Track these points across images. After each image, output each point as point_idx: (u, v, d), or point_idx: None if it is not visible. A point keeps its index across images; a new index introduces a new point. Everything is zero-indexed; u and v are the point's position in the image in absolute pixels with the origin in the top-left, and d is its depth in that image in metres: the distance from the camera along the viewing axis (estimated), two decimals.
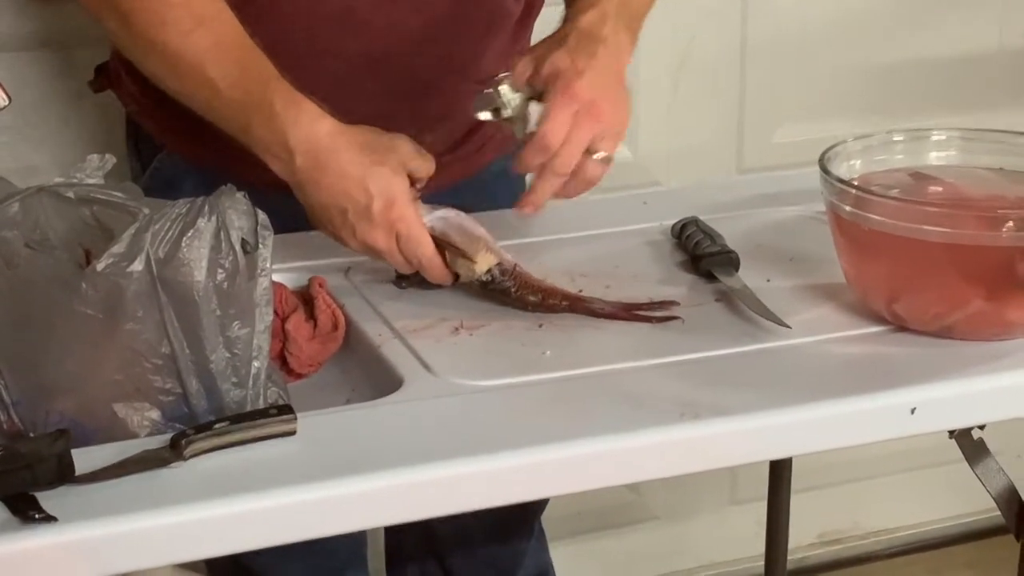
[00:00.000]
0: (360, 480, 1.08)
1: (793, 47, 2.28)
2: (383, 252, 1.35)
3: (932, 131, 1.41)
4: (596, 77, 1.37)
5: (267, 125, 1.35)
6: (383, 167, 1.34)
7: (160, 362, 1.16)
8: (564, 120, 1.35)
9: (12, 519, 1.02)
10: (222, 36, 1.37)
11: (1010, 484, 1.37)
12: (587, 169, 1.37)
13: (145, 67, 1.43)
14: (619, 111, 1.39)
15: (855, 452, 2.42)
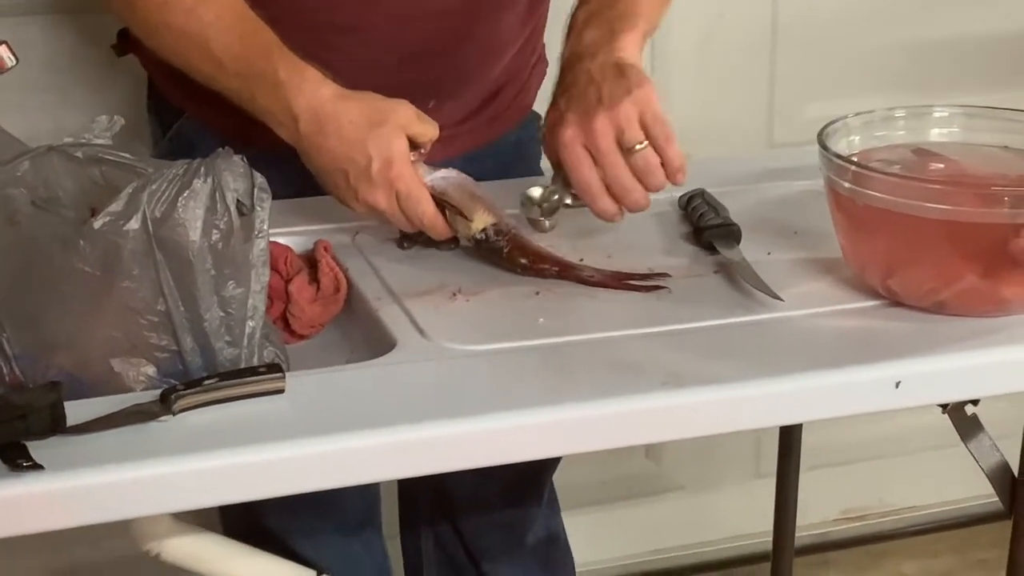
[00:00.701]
0: (343, 438, 1.11)
1: (825, 23, 2.28)
2: (385, 212, 1.38)
3: (934, 107, 1.41)
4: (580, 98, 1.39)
5: (271, 94, 1.38)
6: (382, 128, 1.36)
7: (156, 319, 1.19)
8: (578, 161, 1.37)
9: (1, 467, 1.05)
10: (222, 11, 1.41)
11: (1003, 460, 1.38)
12: (642, 164, 1.37)
13: (152, 45, 1.47)
14: (618, 92, 1.38)
15: (881, 429, 2.45)
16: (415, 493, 1.92)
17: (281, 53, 1.39)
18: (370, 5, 1.51)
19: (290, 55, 1.39)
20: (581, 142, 1.37)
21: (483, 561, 1.88)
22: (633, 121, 1.37)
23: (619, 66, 1.40)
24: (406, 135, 1.37)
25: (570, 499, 2.13)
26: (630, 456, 2.44)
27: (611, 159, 1.37)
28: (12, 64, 1.25)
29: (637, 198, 1.38)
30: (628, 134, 1.37)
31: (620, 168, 1.37)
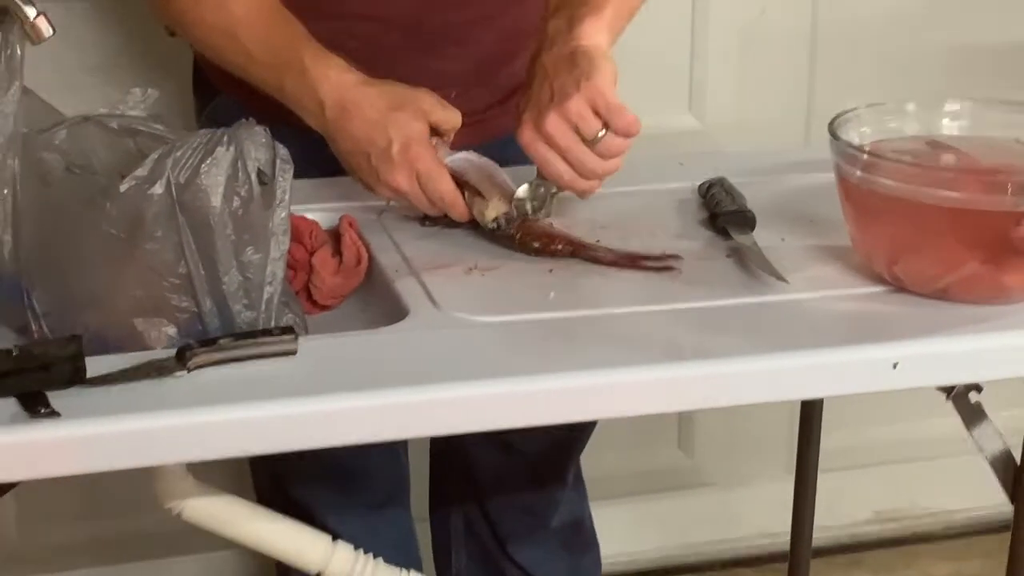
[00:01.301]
0: (347, 397, 1.15)
1: (865, 23, 2.31)
2: (406, 193, 1.42)
3: (945, 100, 1.43)
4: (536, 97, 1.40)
5: (298, 81, 1.44)
6: (402, 112, 1.41)
7: (177, 281, 1.24)
8: (542, 159, 1.39)
9: (22, 413, 1.11)
10: (251, 5, 1.48)
11: (1006, 449, 1.40)
12: (605, 151, 1.39)
13: (187, 38, 1.55)
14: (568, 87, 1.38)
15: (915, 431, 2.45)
16: (444, 475, 1.97)
17: (308, 43, 1.45)
18: None
19: (316, 45, 1.45)
20: (542, 141, 1.38)
21: (508, 543, 1.92)
22: (585, 115, 1.37)
23: (573, 55, 1.40)
24: (428, 122, 1.42)
25: (601, 490, 2.16)
26: (663, 449, 2.47)
27: (572, 154, 1.38)
28: (49, 34, 1.30)
29: (607, 168, 1.40)
30: (583, 128, 1.37)
31: (584, 157, 1.38)
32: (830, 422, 2.28)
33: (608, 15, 1.43)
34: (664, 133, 2.25)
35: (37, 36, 1.30)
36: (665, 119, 2.27)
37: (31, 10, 1.30)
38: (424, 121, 1.42)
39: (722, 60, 2.27)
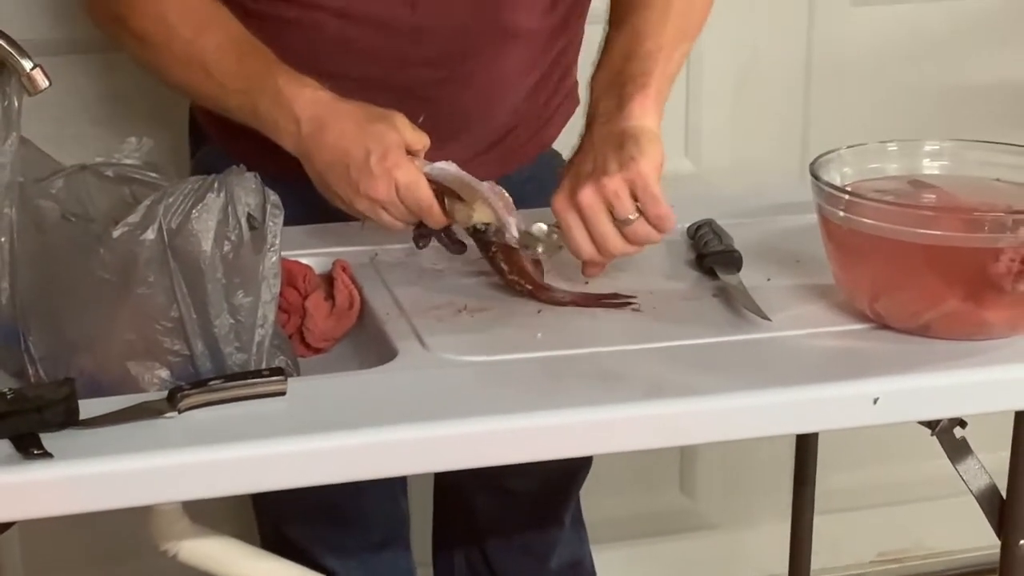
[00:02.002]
0: (335, 436, 1.17)
1: (859, 63, 2.33)
2: (385, 202, 1.43)
3: (925, 141, 1.46)
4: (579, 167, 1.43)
5: (273, 101, 1.46)
6: (378, 123, 1.44)
7: (170, 325, 1.27)
8: (567, 227, 1.40)
9: (15, 455, 1.13)
10: (221, 38, 1.51)
11: (991, 483, 1.41)
12: (632, 236, 1.40)
13: (161, 78, 1.57)
14: (611, 165, 1.40)
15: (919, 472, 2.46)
16: (446, 516, 1.99)
17: (280, 67, 1.48)
18: (354, 54, 1.59)
19: (288, 68, 1.48)
20: (572, 209, 1.40)
21: None
22: (621, 195, 1.38)
23: (623, 135, 1.41)
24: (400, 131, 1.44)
25: (603, 533, 2.18)
26: (664, 491, 2.48)
27: (598, 229, 1.39)
28: (46, 86, 1.33)
29: (627, 253, 1.42)
30: (617, 209, 1.39)
31: (607, 237, 1.40)
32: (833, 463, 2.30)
33: (653, 90, 1.45)
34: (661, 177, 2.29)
35: (34, 88, 1.33)
36: None
37: (27, 62, 1.33)
38: (399, 132, 1.44)
39: (716, 104, 2.29)
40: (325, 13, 1.57)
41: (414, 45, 1.59)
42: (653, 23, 1.51)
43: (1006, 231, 1.28)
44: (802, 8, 2.31)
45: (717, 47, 2.25)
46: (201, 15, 1.52)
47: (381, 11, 1.57)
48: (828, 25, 2.31)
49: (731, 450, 2.44)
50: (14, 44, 1.33)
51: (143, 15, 1.53)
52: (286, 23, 1.58)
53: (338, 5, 1.57)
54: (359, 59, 1.59)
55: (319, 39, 1.58)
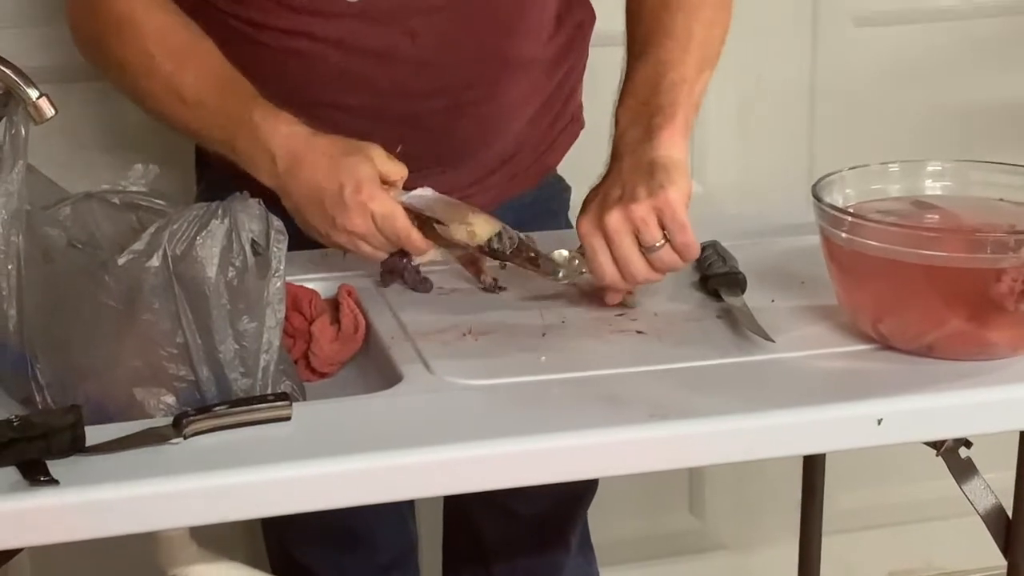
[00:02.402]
0: (341, 460, 1.18)
1: (863, 86, 2.34)
2: (363, 234, 1.45)
3: (928, 161, 1.46)
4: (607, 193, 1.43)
5: (250, 137, 1.48)
6: (351, 156, 1.45)
7: (175, 351, 1.27)
8: (592, 252, 1.41)
9: (22, 481, 1.14)
10: (200, 70, 1.52)
11: (997, 504, 1.42)
12: (658, 263, 1.41)
13: (143, 108, 1.59)
14: (640, 192, 1.41)
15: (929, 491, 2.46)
16: (454, 539, 1.99)
17: (257, 101, 1.50)
18: (354, 84, 1.60)
19: (266, 103, 1.49)
20: (598, 233, 1.41)
21: None
22: (649, 222, 1.39)
23: (652, 165, 1.42)
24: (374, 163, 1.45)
25: (613, 555, 2.18)
26: (674, 513, 2.48)
27: (622, 252, 1.40)
28: (52, 114, 1.34)
29: (650, 280, 1.43)
30: (644, 235, 1.40)
31: (632, 263, 1.40)
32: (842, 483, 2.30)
33: (681, 121, 1.46)
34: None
35: (40, 116, 1.34)
36: None
37: (34, 91, 1.33)
38: (373, 165, 1.45)
39: (722, 124, 2.30)
40: (327, 44, 1.58)
41: (415, 76, 1.60)
42: (677, 53, 1.52)
43: (1008, 251, 1.28)
44: (805, 28, 2.31)
45: (722, 68, 2.23)
46: (183, 47, 1.54)
47: (382, 42, 1.58)
48: (831, 46, 2.32)
49: (740, 471, 2.44)
50: (20, 73, 1.34)
51: (124, 45, 1.55)
52: (288, 53, 1.59)
53: (339, 36, 1.58)
54: (360, 90, 1.60)
55: (320, 70, 1.59)
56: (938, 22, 2.34)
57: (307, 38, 1.58)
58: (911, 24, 2.34)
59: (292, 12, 1.57)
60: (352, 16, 1.57)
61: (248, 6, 1.58)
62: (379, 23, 1.58)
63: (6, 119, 1.35)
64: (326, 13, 1.57)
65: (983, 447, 1.45)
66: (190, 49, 1.54)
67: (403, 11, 1.58)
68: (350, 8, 1.56)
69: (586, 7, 1.76)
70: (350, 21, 1.57)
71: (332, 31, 1.58)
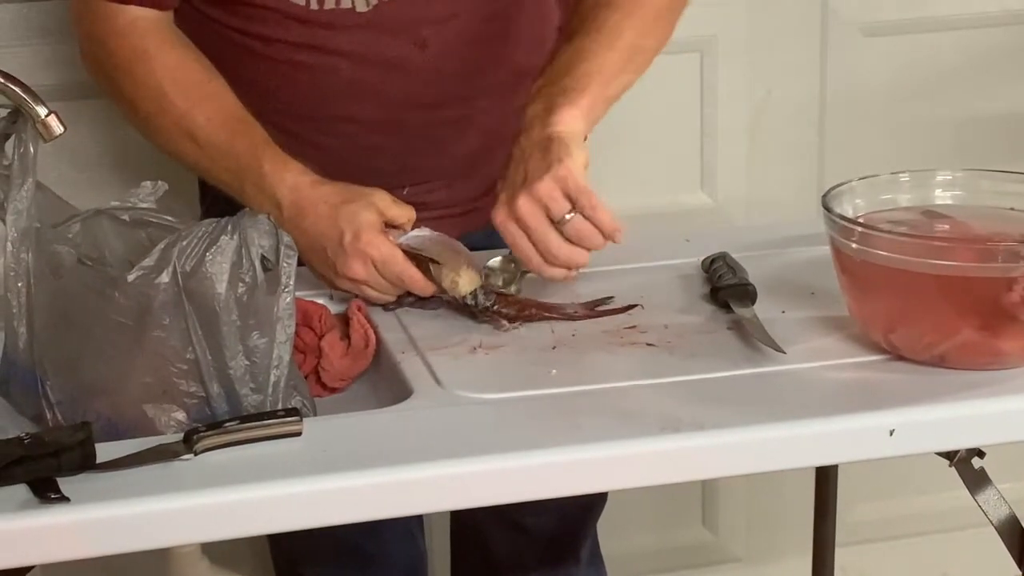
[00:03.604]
0: (352, 476, 1.18)
1: (873, 98, 2.34)
2: (365, 280, 1.47)
3: (937, 171, 1.46)
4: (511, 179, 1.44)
5: (257, 185, 1.50)
6: (352, 204, 1.47)
7: (185, 367, 1.27)
8: (512, 240, 1.43)
9: (33, 499, 1.14)
10: (213, 112, 1.53)
11: (1011, 513, 1.41)
12: (574, 233, 1.42)
13: (153, 143, 1.59)
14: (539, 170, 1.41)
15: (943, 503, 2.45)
16: (463, 555, 1.99)
17: (267, 148, 1.51)
18: (364, 96, 1.60)
19: (275, 150, 1.51)
20: (513, 221, 1.42)
21: None
22: (555, 196, 1.41)
23: (547, 141, 1.43)
24: (383, 218, 1.47)
25: (626, 569, 2.18)
26: (687, 526, 2.48)
27: (538, 234, 1.42)
28: (61, 132, 1.34)
29: (575, 260, 1.44)
30: (552, 209, 1.41)
31: (550, 240, 1.42)
32: (857, 494, 2.30)
33: (585, 105, 1.47)
34: (678, 211, 2.29)
35: (49, 134, 1.34)
36: (678, 198, 2.31)
37: (42, 109, 1.34)
38: (375, 212, 1.47)
39: (732, 138, 2.30)
40: (336, 56, 1.58)
41: (425, 87, 1.60)
42: (601, 47, 1.51)
43: (1020, 261, 1.28)
44: (815, 40, 2.31)
45: (732, 79, 2.27)
46: (196, 87, 1.55)
47: (392, 53, 1.59)
48: (841, 56, 2.32)
49: (753, 483, 2.44)
50: (29, 91, 1.34)
51: (137, 82, 1.56)
52: (297, 66, 1.59)
53: (349, 47, 1.58)
54: (370, 101, 1.60)
55: (330, 82, 1.59)
56: (947, 32, 2.34)
57: (316, 50, 1.58)
58: (920, 34, 2.34)
59: (301, 24, 1.57)
60: (361, 27, 1.57)
61: (257, 20, 1.58)
62: (389, 34, 1.58)
63: (15, 137, 1.36)
64: (335, 25, 1.57)
65: (996, 457, 1.45)
66: (204, 89, 1.55)
67: (413, 21, 1.58)
68: (359, 19, 1.57)
69: None
70: (359, 32, 1.58)
71: (342, 43, 1.58)
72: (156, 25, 1.56)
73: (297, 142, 1.54)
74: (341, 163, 1.52)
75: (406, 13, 1.58)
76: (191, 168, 1.58)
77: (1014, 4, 2.36)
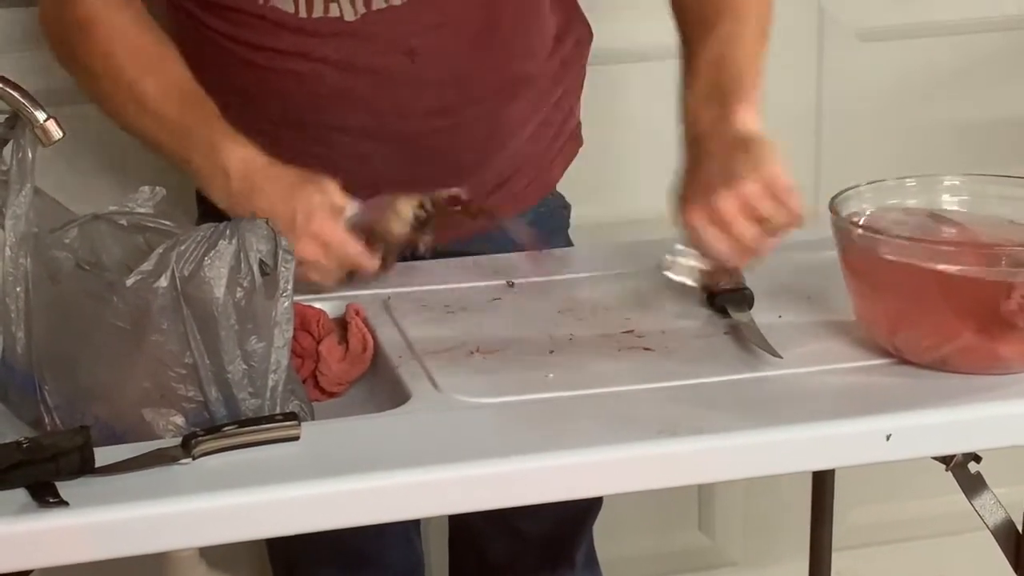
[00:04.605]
0: (350, 480, 1.18)
1: (869, 104, 2.34)
2: (315, 262, 1.48)
3: (944, 176, 1.46)
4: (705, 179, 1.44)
5: (207, 155, 1.51)
6: (305, 186, 1.48)
7: (183, 371, 1.27)
8: (711, 242, 1.42)
9: (31, 503, 1.14)
10: (165, 83, 1.54)
11: (1008, 518, 1.41)
12: (773, 232, 1.43)
13: (105, 111, 1.60)
14: (743, 169, 1.42)
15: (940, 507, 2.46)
16: (460, 560, 1.99)
17: (218, 122, 1.52)
18: (353, 105, 1.60)
19: (226, 125, 1.51)
20: (709, 221, 1.41)
21: None
22: (762, 198, 1.41)
23: (742, 140, 1.44)
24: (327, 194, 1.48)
25: (622, 573, 2.17)
26: (683, 530, 2.48)
27: (739, 230, 1.41)
28: (59, 137, 1.34)
29: (764, 247, 1.44)
30: (761, 208, 1.41)
31: (748, 235, 1.41)
32: (853, 498, 2.30)
33: (754, 96, 1.49)
34: None
35: (47, 139, 1.34)
36: None
37: (41, 114, 1.34)
38: (326, 195, 1.48)
39: None
40: (324, 64, 1.58)
41: (414, 95, 1.60)
42: (737, 28, 1.54)
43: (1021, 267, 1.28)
44: (811, 45, 2.31)
45: None
46: (149, 56, 1.55)
47: (380, 62, 1.59)
48: (837, 61, 2.32)
49: (750, 488, 2.44)
50: (28, 96, 1.34)
51: (91, 51, 1.56)
52: (285, 74, 1.59)
53: (337, 56, 1.58)
54: (358, 110, 1.60)
55: (319, 90, 1.59)
56: (944, 37, 2.35)
57: (304, 58, 1.58)
58: (916, 39, 2.34)
59: (289, 32, 1.58)
60: (349, 35, 1.57)
61: (244, 27, 1.58)
62: (377, 42, 1.58)
63: (13, 142, 1.36)
64: (323, 33, 1.57)
65: (993, 462, 1.45)
66: (157, 59, 1.55)
67: (402, 30, 1.58)
68: (347, 27, 1.57)
69: (583, 25, 1.76)
70: (348, 40, 1.58)
71: (330, 51, 1.58)
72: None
73: (288, 150, 1.54)
74: (332, 171, 1.52)
75: (394, 22, 1.58)
76: (139, 137, 1.58)
77: (1011, 9, 2.36)
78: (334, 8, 1.56)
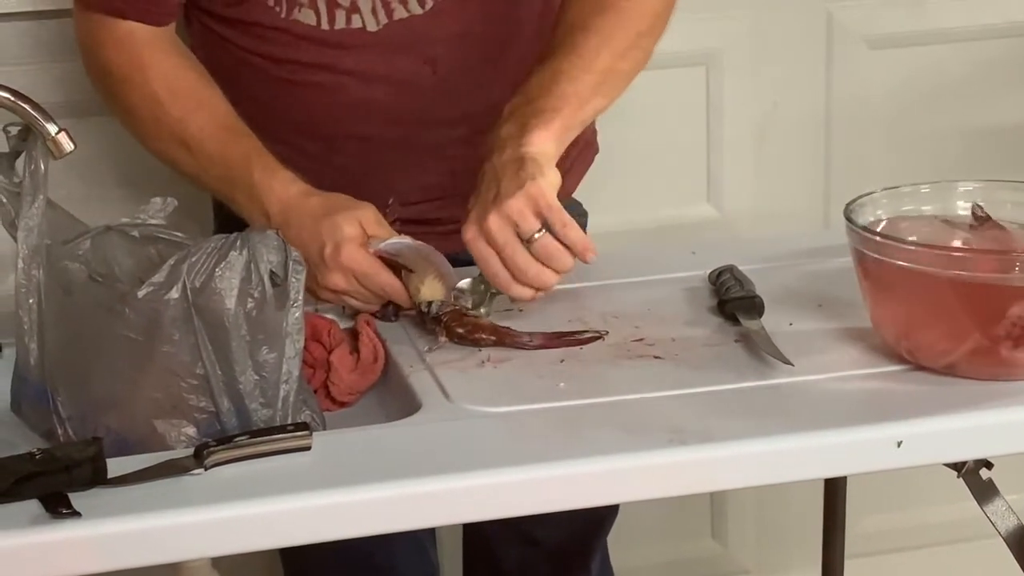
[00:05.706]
0: (362, 489, 1.18)
1: (878, 110, 2.34)
2: (346, 291, 1.48)
3: (959, 182, 1.47)
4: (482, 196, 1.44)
5: (247, 194, 1.52)
6: (335, 216, 1.47)
7: (195, 382, 1.28)
8: (481, 257, 1.43)
9: (44, 514, 1.14)
10: (206, 121, 1.55)
11: (1020, 524, 1.41)
12: (542, 252, 1.42)
13: (147, 149, 1.61)
14: (511, 188, 1.42)
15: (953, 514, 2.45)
16: (474, 569, 1.99)
17: (258, 157, 1.52)
18: (375, 115, 1.61)
19: (266, 159, 1.52)
20: (482, 239, 1.42)
21: None
22: (525, 214, 1.41)
23: (521, 160, 1.44)
24: (364, 232, 1.47)
25: None
26: (696, 538, 2.48)
27: (507, 251, 1.42)
28: (71, 149, 1.35)
29: (544, 280, 1.43)
30: (521, 227, 1.41)
31: (519, 258, 1.42)
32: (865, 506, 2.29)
33: (558, 127, 1.47)
34: (684, 224, 2.30)
35: (59, 151, 1.35)
36: (685, 210, 2.31)
37: (52, 126, 1.35)
38: (357, 226, 1.47)
39: (738, 151, 2.30)
40: (347, 75, 1.59)
41: (435, 105, 1.61)
42: (578, 69, 1.51)
43: None
44: (820, 52, 2.32)
45: (738, 92, 2.27)
46: (190, 95, 1.56)
47: (402, 72, 1.59)
48: (847, 69, 2.32)
49: (762, 496, 2.44)
50: (39, 109, 1.35)
51: (133, 88, 1.57)
52: (308, 86, 1.60)
53: (359, 67, 1.59)
54: (380, 120, 1.61)
55: (341, 101, 1.60)
56: (952, 44, 2.35)
57: (327, 70, 1.59)
58: (925, 46, 2.34)
59: (311, 44, 1.58)
60: (371, 46, 1.58)
61: (266, 41, 1.59)
62: (399, 52, 1.59)
63: (25, 154, 1.37)
64: (346, 44, 1.58)
65: (1004, 468, 1.45)
66: (198, 98, 1.56)
67: (423, 41, 1.59)
68: (370, 39, 1.58)
69: None
70: (370, 51, 1.58)
71: (352, 62, 1.59)
72: (153, 35, 1.57)
73: (309, 160, 1.55)
74: (353, 181, 1.53)
75: (416, 33, 1.58)
76: (185, 175, 1.59)
77: (1018, 16, 2.36)
78: (356, 19, 1.57)
